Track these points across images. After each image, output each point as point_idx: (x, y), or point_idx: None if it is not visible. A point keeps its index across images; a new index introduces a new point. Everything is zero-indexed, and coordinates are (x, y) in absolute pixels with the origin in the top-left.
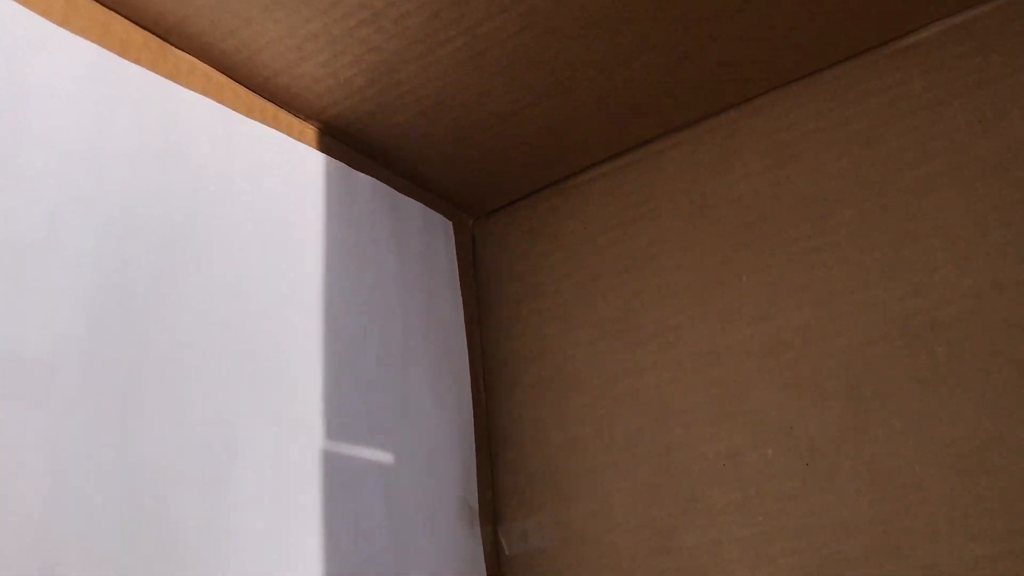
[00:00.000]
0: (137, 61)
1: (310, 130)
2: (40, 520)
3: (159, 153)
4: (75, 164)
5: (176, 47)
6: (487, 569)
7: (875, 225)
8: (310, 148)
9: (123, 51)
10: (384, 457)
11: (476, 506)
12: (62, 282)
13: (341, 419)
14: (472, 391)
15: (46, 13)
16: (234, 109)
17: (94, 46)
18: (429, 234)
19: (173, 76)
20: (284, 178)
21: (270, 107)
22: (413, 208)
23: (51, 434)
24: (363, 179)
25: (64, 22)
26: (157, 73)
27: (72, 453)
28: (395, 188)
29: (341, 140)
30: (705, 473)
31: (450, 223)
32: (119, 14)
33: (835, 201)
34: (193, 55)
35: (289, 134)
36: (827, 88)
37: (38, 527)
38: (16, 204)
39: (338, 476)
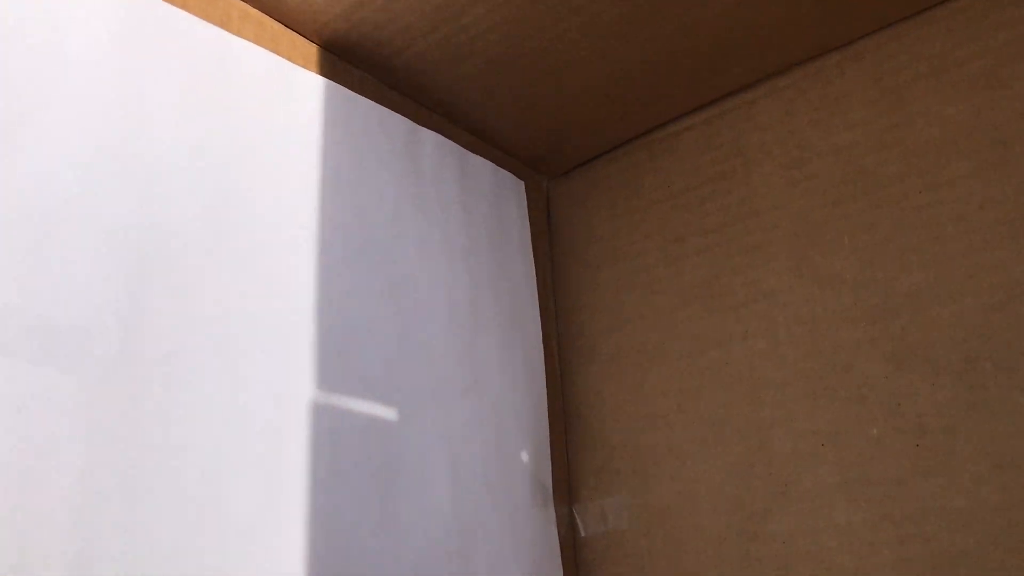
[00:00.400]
0: (185, 7)
1: (370, 80)
2: (74, 496)
3: (206, 105)
4: (112, 119)
5: None
6: (561, 552)
7: (996, 178)
8: (370, 101)
9: None
10: (450, 432)
11: (549, 485)
12: (98, 245)
13: (404, 392)
14: (545, 363)
15: None
16: (289, 59)
17: None
18: (499, 195)
19: (224, 23)
20: (342, 132)
21: (327, 56)
22: (482, 167)
23: (87, 403)
24: (428, 135)
25: None
26: (208, 20)
27: (109, 425)
28: (461, 145)
29: (404, 93)
30: (802, 453)
31: (522, 183)
32: None
33: (950, 152)
34: (246, 1)
35: (347, 86)
36: (940, 26)
37: (72, 504)
38: (49, 163)
39: (400, 452)
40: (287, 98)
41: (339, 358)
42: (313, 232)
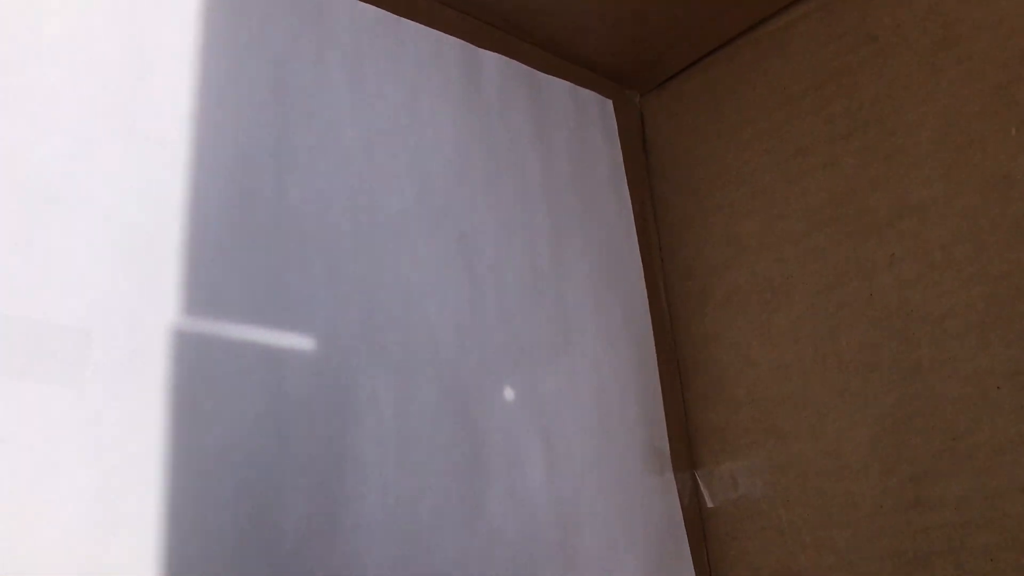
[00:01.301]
0: None
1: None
2: (85, 531)
3: (229, 51)
4: (110, 81)
5: None
6: (686, 526)
7: None
8: (418, 24)
9: None
10: (541, 402)
11: (666, 450)
12: (95, 235)
13: (480, 360)
14: (651, 310)
15: None
16: None
17: None
18: (581, 118)
19: None
20: (388, 64)
21: None
22: (558, 88)
23: (89, 420)
24: (489, 58)
25: None
26: None
27: (115, 445)
28: (533, 66)
29: (460, 8)
30: (971, 400)
31: (609, 102)
32: None
33: None
34: None
35: (390, 9)
36: None
37: (82, 538)
38: (34, 137)
39: (481, 432)
40: (322, 29)
41: (399, 328)
42: (361, 184)
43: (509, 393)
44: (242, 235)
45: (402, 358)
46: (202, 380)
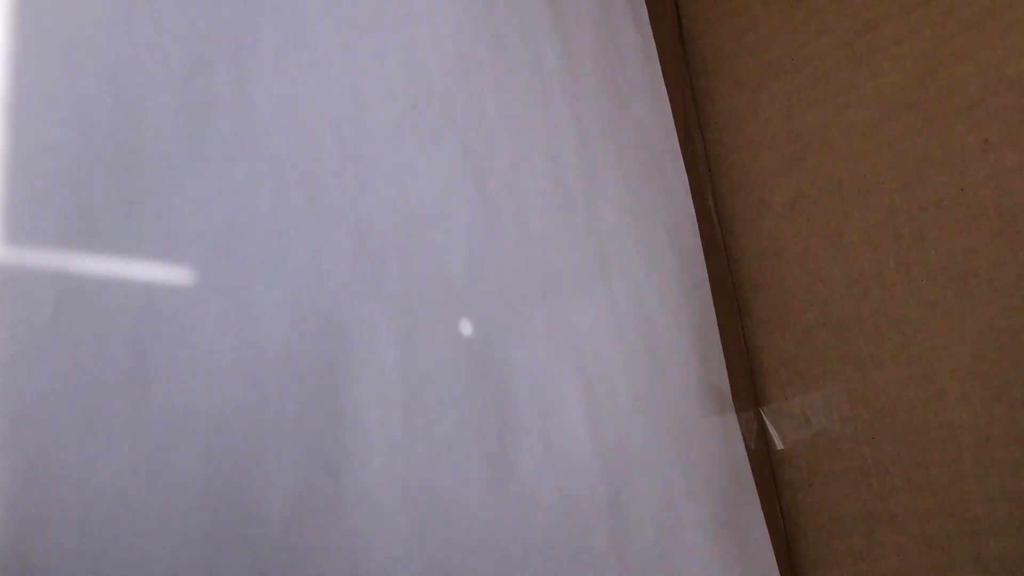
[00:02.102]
0: None
1: None
2: None
3: None
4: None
5: None
6: (753, 474)
7: None
8: None
9: None
10: (575, 339)
11: (726, 387)
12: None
13: (499, 295)
14: (699, 226)
15: None
16: None
17: None
18: (607, 6)
19: None
20: None
21: None
22: None
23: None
24: None
25: None
26: None
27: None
28: None
29: None
30: None
31: None
32: None
33: None
34: None
35: None
36: None
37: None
38: None
39: (507, 378)
40: None
41: (399, 258)
42: (343, 90)
43: (537, 330)
44: (195, 154)
45: (404, 293)
46: (150, 327)
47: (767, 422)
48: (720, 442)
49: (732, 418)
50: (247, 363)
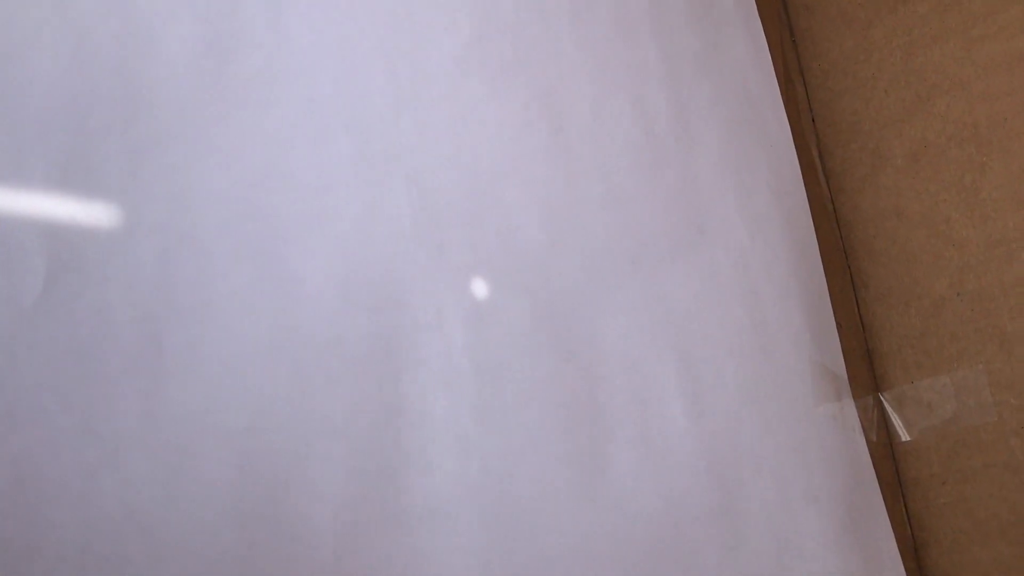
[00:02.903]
0: None
1: None
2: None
3: None
4: None
5: None
6: (875, 466)
7: None
8: None
9: None
10: (669, 310)
11: (842, 370)
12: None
13: (580, 263)
14: (804, 183)
15: None
16: None
17: None
18: None
19: None
20: None
21: None
22: None
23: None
24: None
25: None
26: None
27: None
28: None
29: None
30: None
31: None
32: None
33: None
34: None
35: None
36: None
37: None
38: None
39: (587, 354)
40: None
41: (464, 220)
42: (394, 20)
43: (627, 302)
44: (218, 96)
45: (472, 261)
46: (164, 304)
47: (888, 410)
48: (838, 434)
49: (850, 405)
50: (285, 347)
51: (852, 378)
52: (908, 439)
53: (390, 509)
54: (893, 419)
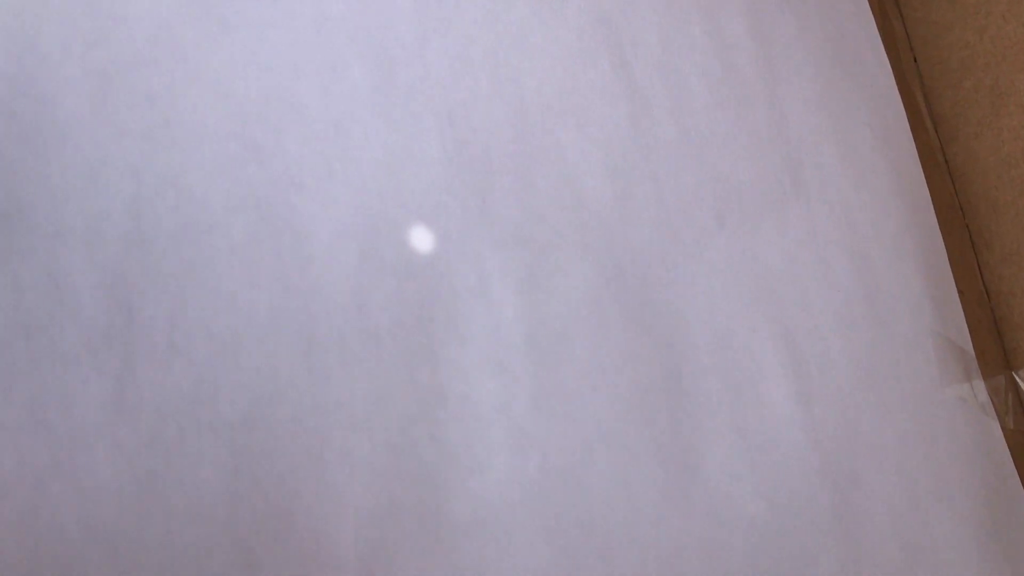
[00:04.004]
0: None
1: None
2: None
3: None
4: None
5: None
6: (1014, 459)
7: None
8: None
9: None
10: (765, 275)
11: (968, 345)
12: None
13: (653, 211)
14: (913, 133)
15: None
16: None
17: None
18: None
19: None
20: None
21: None
22: None
23: None
24: None
25: None
26: None
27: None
28: None
29: None
30: None
31: None
32: None
33: None
34: None
35: None
36: None
37: None
38: None
39: (667, 330)
40: None
41: (515, 170)
42: None
43: (714, 265)
44: (204, 14)
45: (522, 217)
46: (137, 263)
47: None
48: (970, 420)
49: (980, 387)
50: (292, 317)
51: (979, 354)
52: None
53: (428, 522)
54: None
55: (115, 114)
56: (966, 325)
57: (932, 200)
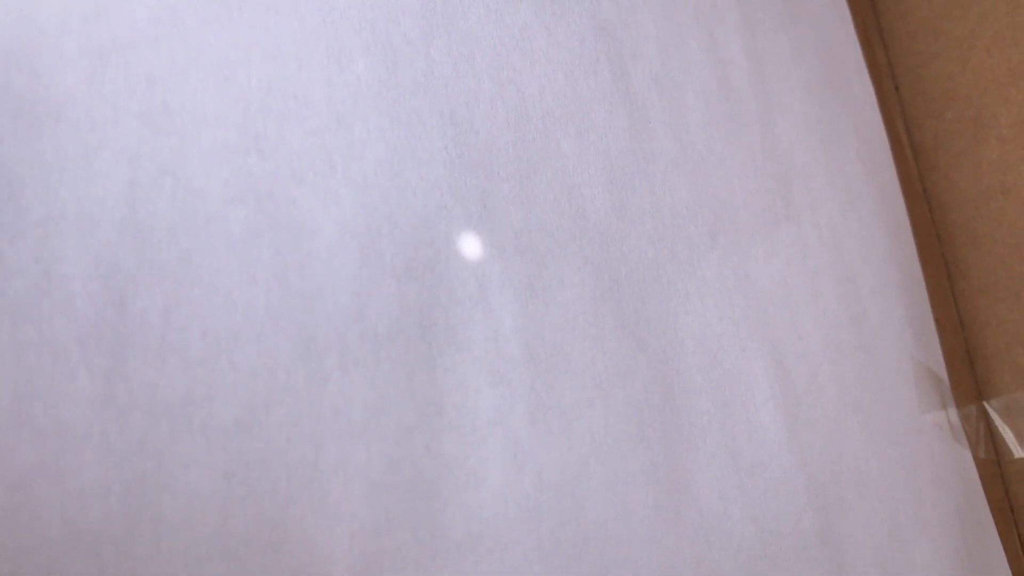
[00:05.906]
0: None
1: None
2: None
3: None
4: None
5: None
6: (981, 481)
7: None
8: None
9: None
10: (756, 294)
11: (943, 371)
12: None
13: (650, 224)
14: (893, 158)
15: None
16: None
17: None
18: None
19: None
20: None
21: None
22: None
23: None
24: None
25: None
26: None
27: None
28: None
29: None
30: None
31: None
32: None
33: None
34: None
35: None
36: None
37: None
38: None
39: (659, 344)
40: None
41: (515, 175)
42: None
43: (707, 283)
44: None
45: (522, 224)
46: (138, 262)
47: (996, 421)
48: (946, 448)
49: (954, 415)
50: (289, 318)
51: (953, 384)
52: (1018, 455)
53: (423, 536)
54: (1002, 432)
55: (113, 94)
56: (942, 354)
57: (912, 229)
